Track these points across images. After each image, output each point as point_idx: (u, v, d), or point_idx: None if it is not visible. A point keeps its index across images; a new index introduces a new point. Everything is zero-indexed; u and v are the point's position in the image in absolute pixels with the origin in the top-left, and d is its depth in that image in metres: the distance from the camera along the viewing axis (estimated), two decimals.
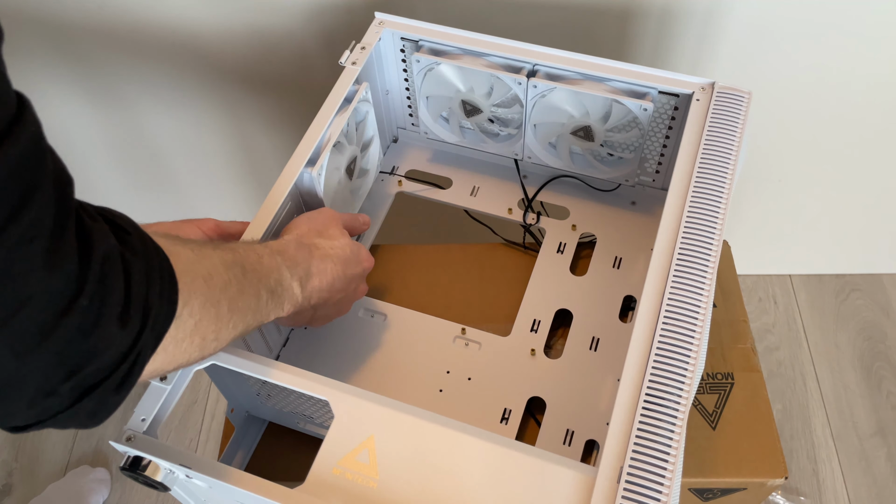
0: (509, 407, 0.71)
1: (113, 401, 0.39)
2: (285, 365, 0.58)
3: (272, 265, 0.55)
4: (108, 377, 0.38)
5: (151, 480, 0.54)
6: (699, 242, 0.61)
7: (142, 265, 0.39)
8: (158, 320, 0.40)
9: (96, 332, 0.36)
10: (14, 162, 0.32)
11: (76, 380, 0.36)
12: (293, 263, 0.58)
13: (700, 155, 0.66)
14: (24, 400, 0.35)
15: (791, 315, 1.53)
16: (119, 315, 0.37)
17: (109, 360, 0.37)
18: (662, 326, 0.57)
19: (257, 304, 0.52)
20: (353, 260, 0.65)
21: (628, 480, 0.50)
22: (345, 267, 0.64)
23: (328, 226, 0.65)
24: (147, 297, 0.39)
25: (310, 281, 0.59)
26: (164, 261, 0.41)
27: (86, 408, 0.38)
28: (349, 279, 0.65)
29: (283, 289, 0.56)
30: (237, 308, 0.49)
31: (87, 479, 1.34)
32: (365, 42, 0.77)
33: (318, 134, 0.70)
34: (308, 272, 0.59)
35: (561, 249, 0.81)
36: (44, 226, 0.33)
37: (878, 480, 1.33)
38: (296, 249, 0.59)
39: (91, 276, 0.35)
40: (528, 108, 0.77)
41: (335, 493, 0.53)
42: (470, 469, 0.53)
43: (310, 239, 0.62)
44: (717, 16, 1.01)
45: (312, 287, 0.60)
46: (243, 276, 0.50)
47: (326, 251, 0.62)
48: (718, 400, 0.76)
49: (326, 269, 0.61)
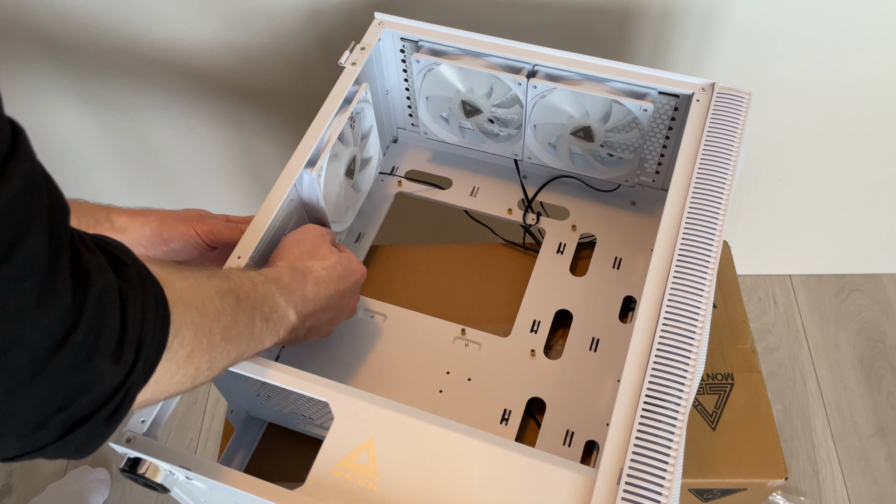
0: (509, 407, 0.71)
1: (102, 433, 0.39)
2: (285, 366, 0.58)
3: (266, 293, 0.56)
4: (99, 410, 0.38)
5: (151, 482, 0.54)
6: (699, 243, 0.61)
7: (138, 297, 0.39)
8: (150, 353, 0.40)
9: (89, 367, 0.36)
10: (7, 202, 0.31)
11: (67, 413, 0.36)
12: (288, 291, 0.58)
13: (700, 155, 0.66)
14: (14, 433, 0.35)
15: (791, 315, 1.53)
16: (113, 350, 0.37)
17: (100, 394, 0.37)
18: (662, 327, 0.57)
19: (251, 332, 0.52)
20: (345, 275, 0.66)
21: (628, 482, 0.50)
22: (338, 284, 0.64)
23: (318, 245, 0.65)
24: (141, 330, 0.39)
25: (305, 305, 0.60)
26: (158, 291, 0.41)
27: (75, 440, 0.38)
28: (341, 295, 0.66)
29: (278, 316, 0.56)
30: (231, 336, 0.49)
31: (87, 479, 1.34)
32: (365, 42, 0.77)
33: (318, 135, 0.70)
34: (304, 298, 0.60)
35: (561, 250, 0.81)
36: (37, 263, 0.33)
37: (878, 480, 1.33)
38: (290, 276, 0.60)
39: (87, 311, 0.35)
40: (527, 109, 0.77)
41: (335, 494, 0.53)
42: (470, 470, 0.53)
43: (303, 263, 0.63)
44: (716, 16, 1.01)
45: (307, 311, 0.61)
46: (237, 305, 0.50)
47: (320, 273, 0.63)
48: (718, 400, 0.76)
49: (320, 293, 0.62)
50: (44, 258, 0.33)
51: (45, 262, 0.33)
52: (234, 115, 1.20)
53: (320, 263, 0.64)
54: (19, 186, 0.32)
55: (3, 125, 0.32)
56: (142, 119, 1.21)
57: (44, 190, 0.34)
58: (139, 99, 1.17)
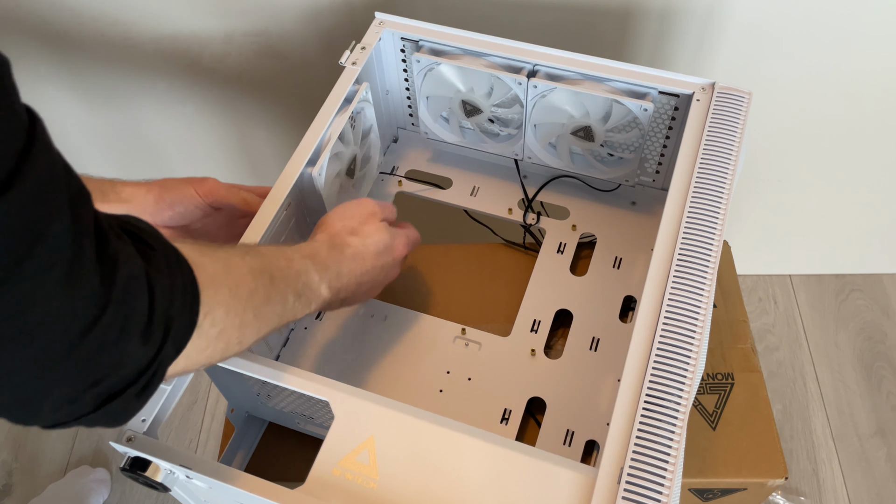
0: (509, 407, 0.71)
1: (134, 405, 0.41)
2: (285, 365, 0.58)
3: (301, 269, 0.57)
4: (130, 386, 0.39)
5: (151, 481, 0.54)
6: (699, 243, 0.61)
7: (166, 282, 0.40)
8: (179, 333, 0.41)
9: (118, 349, 0.37)
10: (30, 193, 0.32)
11: (99, 389, 0.38)
12: (323, 267, 0.59)
13: (700, 155, 0.66)
14: (49, 406, 0.37)
15: (791, 315, 1.53)
16: (142, 332, 0.38)
17: (130, 372, 0.39)
18: (663, 327, 0.57)
19: (283, 307, 0.53)
20: (383, 252, 0.66)
21: (629, 481, 0.50)
22: (375, 259, 0.65)
23: (363, 223, 0.65)
24: (168, 313, 0.40)
25: (339, 281, 0.61)
26: (187, 274, 0.42)
27: (109, 412, 0.39)
28: (379, 270, 0.66)
29: (311, 291, 0.57)
30: (262, 314, 0.50)
31: (87, 479, 1.34)
32: (365, 42, 0.77)
33: (319, 134, 0.70)
34: (339, 273, 0.61)
35: (561, 249, 0.81)
36: (62, 252, 0.34)
37: (878, 481, 1.33)
38: (328, 252, 0.61)
39: (114, 295, 0.36)
40: (528, 109, 0.77)
41: (335, 493, 0.53)
42: (470, 470, 0.53)
43: (342, 238, 0.63)
44: (717, 16, 1.01)
45: (341, 286, 0.61)
46: (271, 284, 0.52)
47: (358, 249, 0.63)
48: (718, 400, 0.76)
49: (356, 268, 0.63)
50: (69, 246, 0.34)
51: (71, 251, 0.34)
52: (234, 115, 1.21)
53: (361, 240, 0.64)
54: (40, 177, 0.33)
55: (20, 115, 0.33)
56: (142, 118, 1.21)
57: (64, 179, 0.35)
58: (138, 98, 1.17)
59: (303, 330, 0.77)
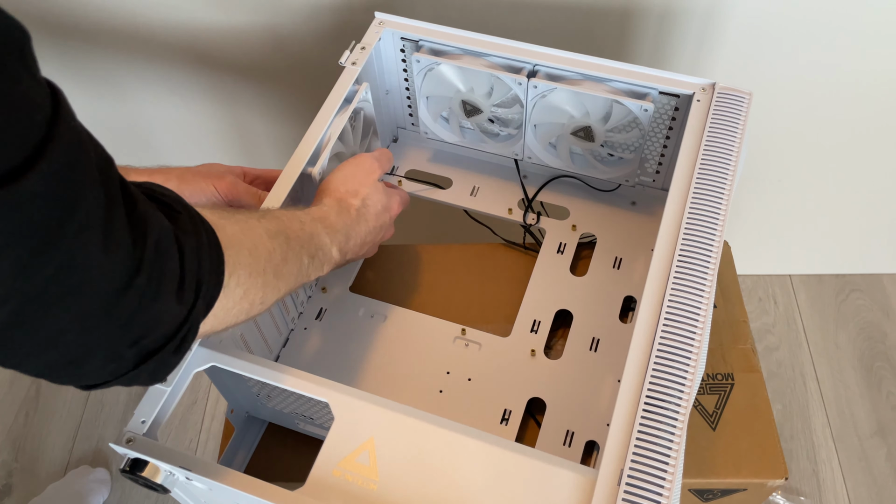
0: (509, 408, 0.71)
1: (172, 361, 0.43)
2: (285, 367, 0.58)
3: (314, 231, 0.59)
4: (167, 343, 0.41)
5: (151, 483, 0.54)
6: (700, 243, 0.61)
7: (193, 243, 0.42)
8: (209, 291, 0.43)
9: (155, 306, 0.39)
10: (62, 162, 0.33)
11: (139, 347, 0.40)
12: (333, 230, 0.61)
13: (701, 155, 0.66)
14: (93, 364, 0.39)
15: (791, 315, 1.53)
16: (175, 290, 0.40)
17: (167, 329, 0.41)
18: (663, 327, 0.57)
19: (300, 269, 0.56)
20: (383, 212, 0.69)
21: (629, 482, 0.50)
22: (376, 220, 0.68)
23: (364, 183, 0.67)
24: (199, 272, 0.42)
25: (347, 243, 0.63)
26: (211, 235, 0.44)
27: (148, 368, 0.41)
28: (378, 229, 0.69)
29: (323, 253, 0.60)
30: (281, 274, 0.52)
31: (87, 479, 1.34)
32: (365, 42, 0.77)
33: (319, 134, 0.70)
34: (347, 235, 0.63)
35: (561, 250, 0.81)
36: (96, 216, 0.35)
37: (878, 480, 1.33)
38: (336, 215, 0.63)
39: (147, 256, 0.38)
40: (528, 109, 0.77)
41: (335, 494, 0.53)
42: (470, 471, 0.53)
43: (347, 201, 0.65)
44: (717, 16, 1.01)
45: (349, 248, 0.64)
46: (287, 245, 0.54)
47: (362, 212, 0.66)
48: (718, 401, 0.76)
49: (361, 229, 0.65)
50: (102, 210, 0.35)
51: (104, 214, 0.35)
52: (234, 115, 1.20)
53: (363, 202, 0.66)
54: (69, 146, 0.34)
55: (43, 85, 0.34)
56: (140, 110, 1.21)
57: (90, 146, 0.36)
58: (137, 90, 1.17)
59: (303, 330, 0.77)
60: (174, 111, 1.21)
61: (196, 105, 1.19)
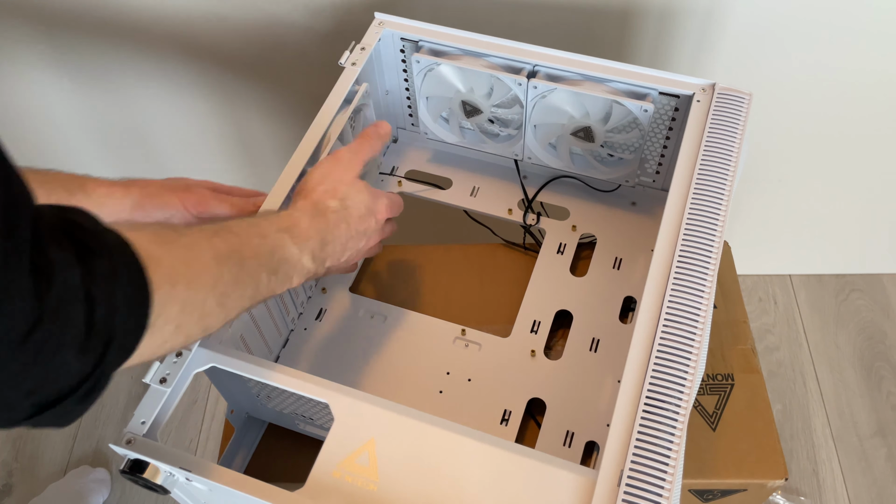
0: (509, 408, 0.71)
1: (76, 410, 0.40)
2: (285, 367, 0.58)
3: (277, 244, 0.55)
4: (69, 396, 0.39)
5: (151, 483, 0.54)
6: (700, 243, 0.61)
7: (107, 290, 0.38)
8: (126, 339, 0.40)
9: (54, 361, 0.36)
10: None
11: (36, 398, 0.37)
12: (304, 238, 0.57)
13: (700, 156, 0.66)
14: None
15: (791, 315, 1.53)
16: (80, 344, 0.37)
17: (67, 383, 0.38)
18: (663, 328, 0.57)
19: (256, 289, 0.52)
20: (367, 215, 0.64)
21: (629, 483, 0.50)
22: (358, 223, 0.63)
23: (342, 181, 0.63)
24: (109, 323, 0.39)
25: (324, 250, 0.59)
26: (135, 276, 0.41)
27: (49, 418, 0.39)
28: (361, 234, 0.64)
29: (289, 265, 0.55)
30: (228, 301, 0.49)
31: (87, 479, 1.34)
32: (365, 42, 0.77)
33: (319, 134, 0.70)
34: (323, 242, 0.59)
35: (561, 250, 0.81)
36: None
37: (878, 480, 1.33)
38: (310, 221, 0.58)
39: (48, 309, 0.35)
40: (528, 109, 0.77)
41: (335, 495, 0.53)
42: (470, 472, 0.53)
43: (323, 203, 0.61)
44: (716, 16, 1.01)
45: (327, 254, 0.60)
46: (240, 267, 0.50)
47: (341, 214, 0.61)
48: (718, 401, 0.76)
49: (340, 233, 0.61)
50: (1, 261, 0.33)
51: (2, 264, 0.33)
52: (234, 115, 1.20)
53: (342, 203, 0.62)
54: None
55: None
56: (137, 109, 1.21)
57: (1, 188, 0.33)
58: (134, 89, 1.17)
59: (303, 331, 0.77)
60: (173, 110, 1.21)
61: (196, 104, 1.19)
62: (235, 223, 0.54)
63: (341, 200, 0.62)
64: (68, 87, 1.16)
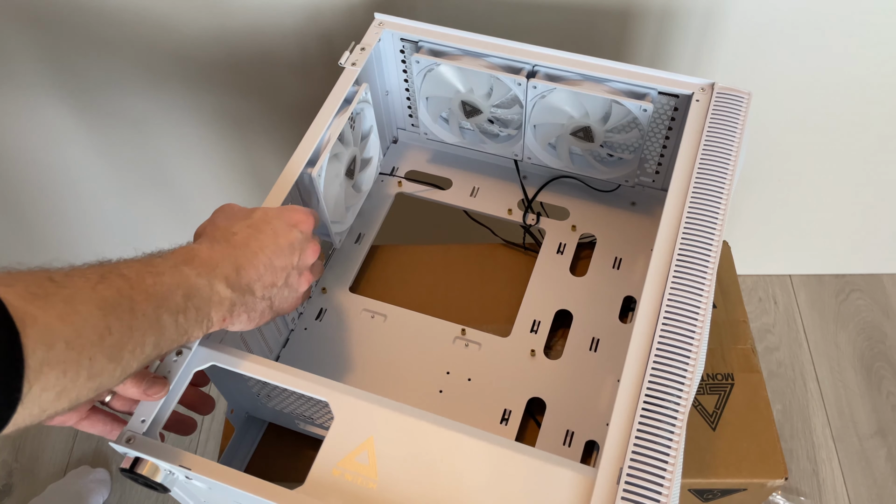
0: (509, 408, 0.71)
1: None
2: (285, 366, 0.58)
3: (176, 281, 0.49)
4: None
5: (151, 482, 0.54)
6: (699, 243, 0.61)
7: None
8: None
9: None
10: None
11: None
12: (208, 267, 0.52)
13: (700, 155, 0.66)
14: None
15: (791, 315, 1.53)
16: None
17: None
18: (662, 327, 0.57)
19: (160, 333, 0.47)
20: (283, 228, 0.58)
21: (628, 481, 0.50)
22: (275, 238, 0.57)
23: (243, 214, 0.59)
24: None
25: (243, 273, 0.54)
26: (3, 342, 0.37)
27: None
28: (289, 248, 0.58)
29: (199, 300, 0.51)
30: (123, 354, 0.45)
31: (87, 479, 1.34)
32: (364, 43, 0.77)
33: (318, 135, 0.70)
34: (237, 264, 0.54)
35: (561, 250, 0.81)
36: None
37: (878, 480, 1.33)
38: (210, 249, 0.53)
39: None
40: (527, 109, 0.77)
41: (335, 494, 0.53)
42: (470, 470, 0.53)
43: (226, 230, 0.56)
44: (717, 16, 1.01)
45: (249, 278, 0.54)
46: (130, 315, 0.45)
47: (248, 233, 0.56)
48: (718, 401, 0.76)
49: (258, 253, 0.55)
50: None
51: None
52: (233, 115, 1.20)
53: (246, 223, 0.57)
54: None
55: None
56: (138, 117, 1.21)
57: None
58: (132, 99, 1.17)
59: (303, 331, 0.77)
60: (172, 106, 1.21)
61: (194, 103, 1.19)
62: (126, 264, 0.49)
63: (244, 221, 0.57)
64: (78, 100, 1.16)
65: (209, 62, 1.10)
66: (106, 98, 1.17)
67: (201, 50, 1.08)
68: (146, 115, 1.21)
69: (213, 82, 1.14)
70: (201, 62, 1.10)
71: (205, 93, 1.16)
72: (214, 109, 1.19)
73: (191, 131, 1.24)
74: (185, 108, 1.19)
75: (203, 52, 1.09)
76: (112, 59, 1.11)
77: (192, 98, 1.17)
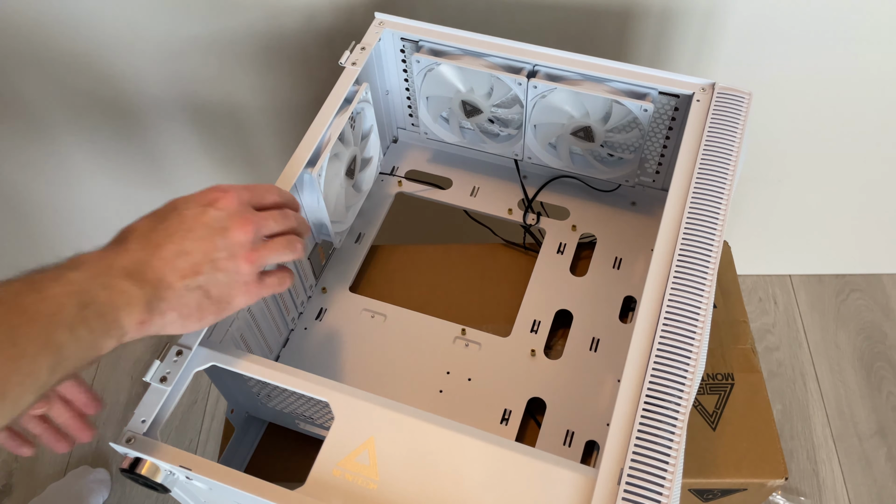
0: (509, 408, 0.71)
1: None
2: (285, 366, 0.58)
3: (63, 293, 0.44)
4: None
5: (151, 482, 0.54)
6: (699, 243, 0.61)
7: None
8: None
9: None
10: None
11: None
12: (101, 268, 0.47)
13: (700, 155, 0.66)
14: None
15: (791, 315, 1.53)
16: None
17: None
18: (663, 327, 0.57)
19: (56, 353, 0.43)
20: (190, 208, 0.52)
21: (628, 482, 0.50)
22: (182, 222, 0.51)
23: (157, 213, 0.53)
24: None
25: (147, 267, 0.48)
26: None
27: None
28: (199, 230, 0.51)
29: (100, 306, 0.45)
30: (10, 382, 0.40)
31: (87, 479, 1.34)
32: (365, 42, 0.77)
33: (318, 135, 0.70)
34: (136, 259, 0.48)
35: (561, 250, 0.81)
36: None
37: (878, 480, 1.33)
38: (100, 252, 0.49)
39: None
40: (528, 109, 0.77)
41: (335, 494, 0.53)
42: (470, 470, 0.53)
43: (125, 229, 0.51)
44: (716, 16, 1.01)
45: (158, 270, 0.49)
46: (10, 344, 0.41)
47: (147, 225, 0.51)
48: (718, 401, 0.76)
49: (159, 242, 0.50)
50: None
51: None
52: (233, 115, 1.20)
53: (148, 216, 0.52)
54: None
55: None
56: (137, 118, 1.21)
57: None
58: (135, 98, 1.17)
59: (303, 331, 0.77)
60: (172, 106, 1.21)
61: (194, 102, 1.19)
62: (1, 286, 0.44)
63: (147, 216, 0.52)
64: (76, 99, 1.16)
65: (209, 62, 1.10)
66: (106, 98, 1.17)
67: (201, 50, 1.08)
68: (146, 115, 1.21)
69: (213, 82, 1.14)
70: (201, 62, 1.10)
71: (205, 92, 1.16)
72: (214, 109, 1.19)
73: (188, 130, 1.24)
74: (184, 108, 1.19)
75: (203, 52, 1.09)
76: (112, 59, 1.11)
77: (192, 98, 1.17)
